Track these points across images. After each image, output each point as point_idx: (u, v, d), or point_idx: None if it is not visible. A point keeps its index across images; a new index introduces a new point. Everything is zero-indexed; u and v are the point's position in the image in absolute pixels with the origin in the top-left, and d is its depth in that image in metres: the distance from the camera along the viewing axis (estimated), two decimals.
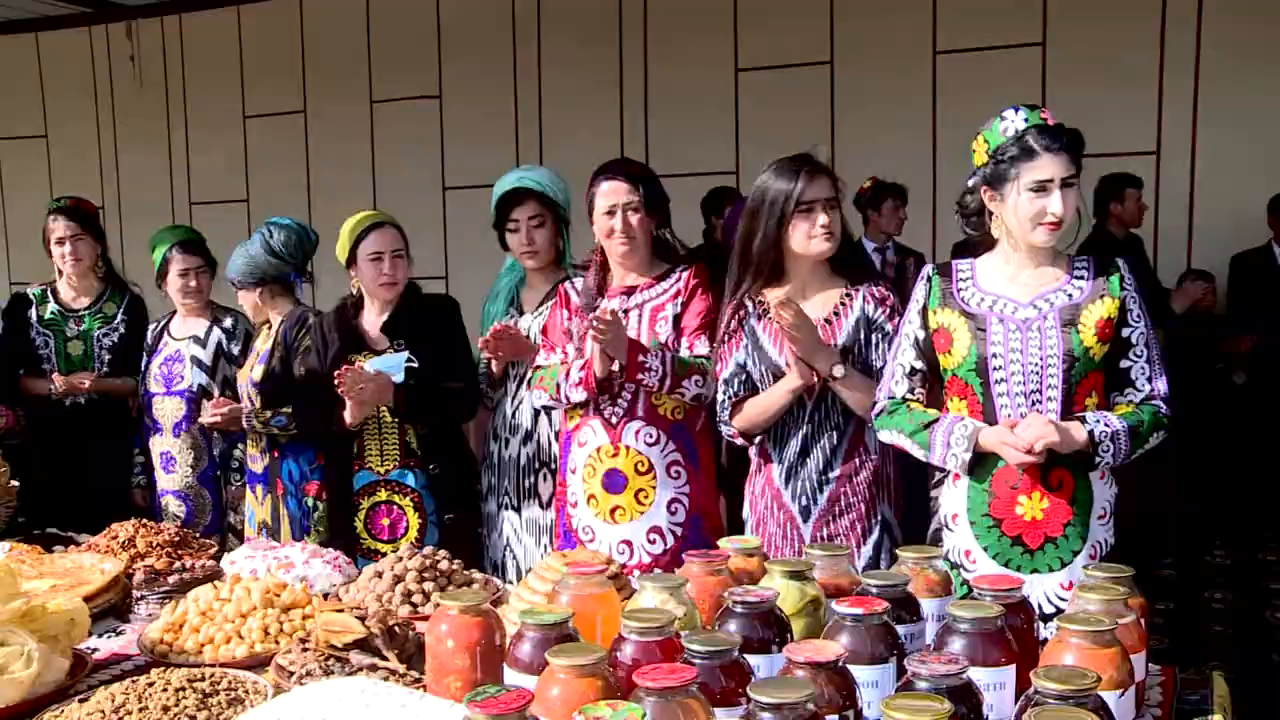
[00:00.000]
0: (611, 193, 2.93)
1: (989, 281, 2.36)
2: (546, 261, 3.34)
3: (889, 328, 2.61)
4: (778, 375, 2.65)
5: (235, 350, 3.82)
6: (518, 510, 3.30)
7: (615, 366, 2.82)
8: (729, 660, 1.43)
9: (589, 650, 1.43)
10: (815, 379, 2.59)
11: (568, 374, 2.93)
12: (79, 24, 7.33)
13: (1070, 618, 1.52)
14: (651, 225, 2.98)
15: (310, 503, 3.48)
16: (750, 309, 2.70)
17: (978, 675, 1.43)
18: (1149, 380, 2.27)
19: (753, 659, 1.51)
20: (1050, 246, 2.31)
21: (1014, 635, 1.53)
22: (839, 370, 2.54)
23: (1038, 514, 2.26)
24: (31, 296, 4.13)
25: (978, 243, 2.42)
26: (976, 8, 5.69)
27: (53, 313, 4.08)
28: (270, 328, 3.66)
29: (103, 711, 1.71)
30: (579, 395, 2.90)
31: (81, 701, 1.78)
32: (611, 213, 2.92)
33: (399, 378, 3.14)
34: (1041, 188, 2.24)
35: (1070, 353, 2.24)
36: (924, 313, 2.41)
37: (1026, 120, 2.26)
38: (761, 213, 2.63)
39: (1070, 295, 2.29)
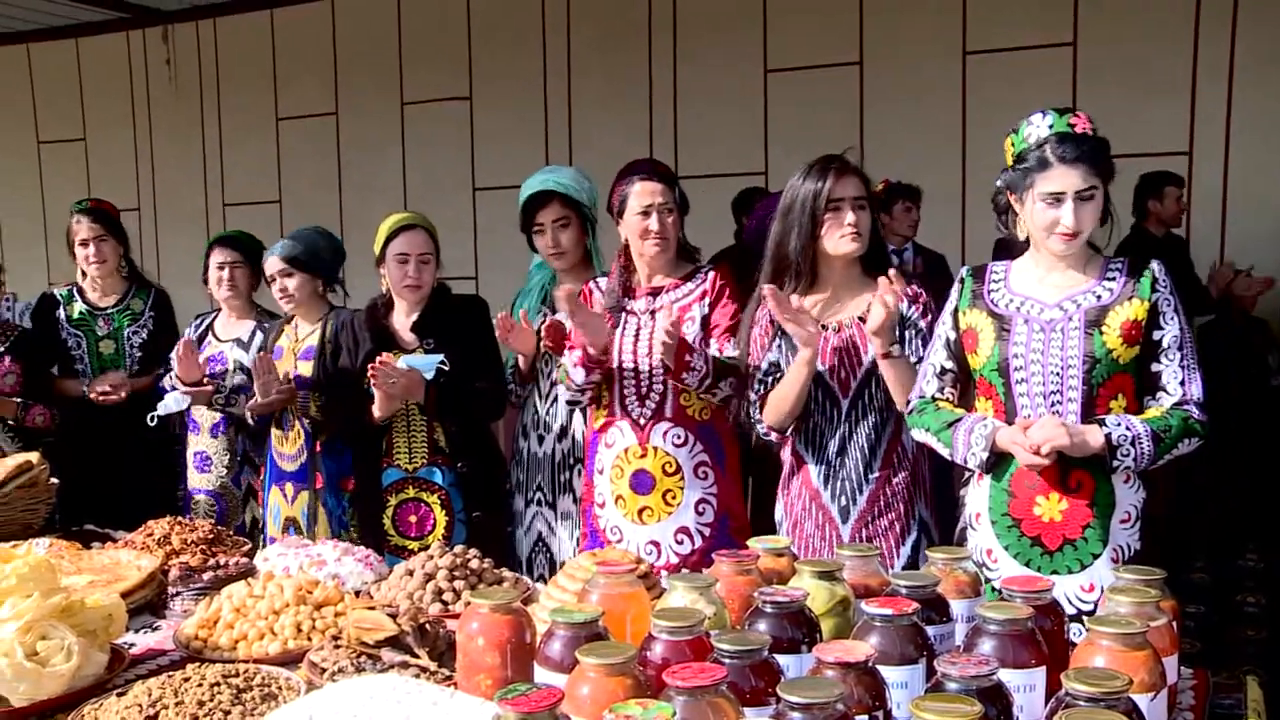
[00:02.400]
0: (646, 193, 2.95)
1: (1019, 283, 2.36)
2: (573, 262, 3.35)
3: (922, 325, 2.62)
4: (818, 379, 2.66)
5: None
6: (552, 506, 3.32)
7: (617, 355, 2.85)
8: (759, 660, 1.43)
9: (619, 649, 1.44)
10: (847, 375, 2.60)
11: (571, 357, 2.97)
12: (117, 29, 7.43)
13: (1101, 620, 1.51)
14: (679, 227, 3.00)
15: (349, 499, 3.51)
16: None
17: (1008, 677, 1.43)
18: (1181, 384, 2.23)
19: (782, 659, 1.51)
20: (1080, 248, 2.29)
21: (1044, 637, 1.53)
22: (897, 349, 2.55)
23: (1056, 515, 2.26)
24: (59, 296, 4.19)
25: (1015, 241, 2.42)
26: (1006, 8, 5.66)
27: (81, 313, 4.13)
28: (293, 324, 3.70)
29: (140, 705, 1.73)
30: (580, 374, 2.94)
31: (119, 695, 1.80)
32: (646, 213, 2.94)
33: (430, 375, 3.17)
34: (1055, 199, 2.23)
35: (1091, 354, 2.23)
36: (955, 314, 2.42)
37: (1052, 126, 2.25)
38: (793, 213, 2.65)
39: (1099, 297, 2.28)
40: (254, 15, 7.13)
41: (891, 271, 2.52)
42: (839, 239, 2.62)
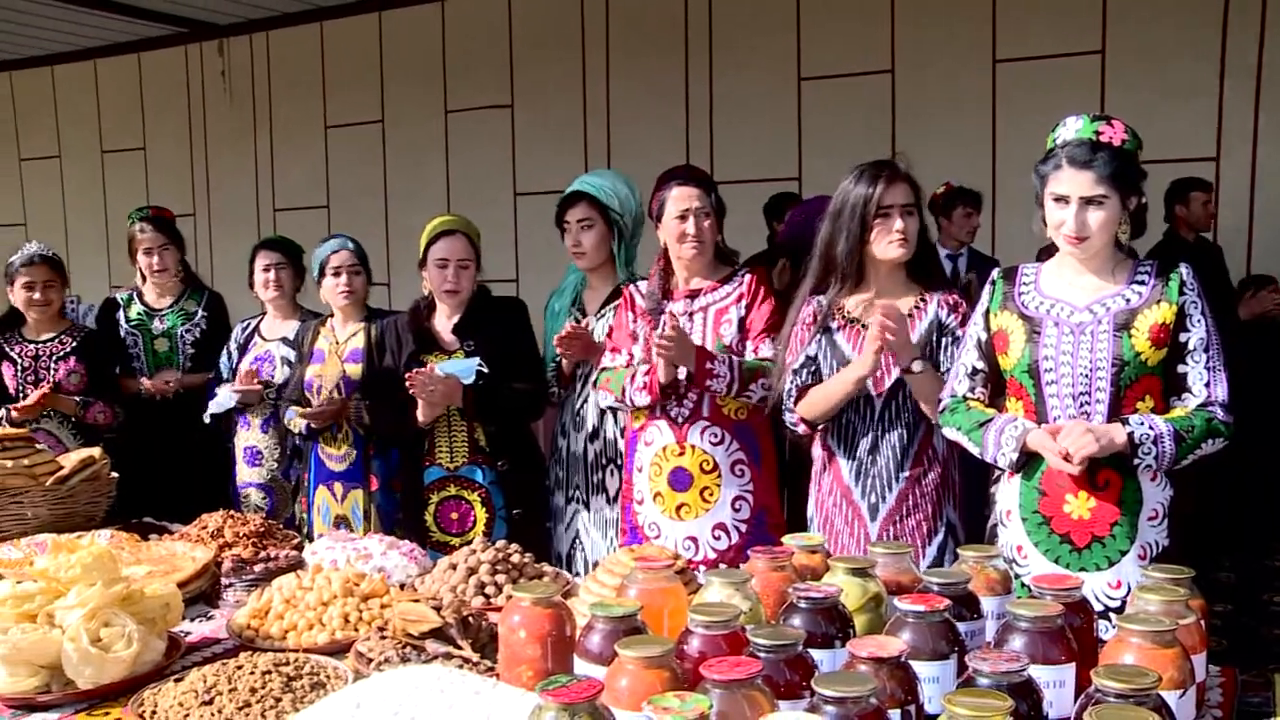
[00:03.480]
0: (684, 198, 2.99)
1: (1050, 286, 2.38)
2: (595, 263, 3.40)
3: (960, 333, 2.63)
4: None
5: None
6: (586, 505, 3.37)
7: (681, 374, 2.88)
8: (793, 654, 1.46)
9: (657, 642, 1.46)
10: (881, 374, 2.62)
11: (633, 378, 2.99)
12: (176, 44, 7.61)
13: (1130, 617, 1.52)
14: (716, 231, 3.04)
15: (399, 497, 3.57)
16: (832, 316, 2.73)
17: (1038, 673, 1.45)
18: (1206, 386, 2.24)
19: (816, 653, 1.54)
20: (1103, 253, 2.31)
21: (1073, 634, 1.55)
22: (918, 365, 2.56)
23: (1084, 513, 2.27)
24: (119, 300, 4.35)
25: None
26: (1036, 17, 5.64)
27: (138, 314, 4.27)
28: (330, 326, 3.76)
29: (196, 691, 1.79)
30: (643, 399, 2.96)
31: (177, 681, 1.86)
32: (684, 217, 2.98)
33: (469, 380, 3.22)
34: (1061, 201, 2.26)
35: (1119, 357, 2.24)
36: (986, 315, 2.44)
37: (1079, 131, 2.27)
38: (843, 216, 2.68)
39: (1128, 300, 2.29)
40: (305, 28, 7.25)
41: (884, 308, 2.52)
42: (887, 244, 2.64)
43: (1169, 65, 5.46)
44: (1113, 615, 2.20)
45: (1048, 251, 2.49)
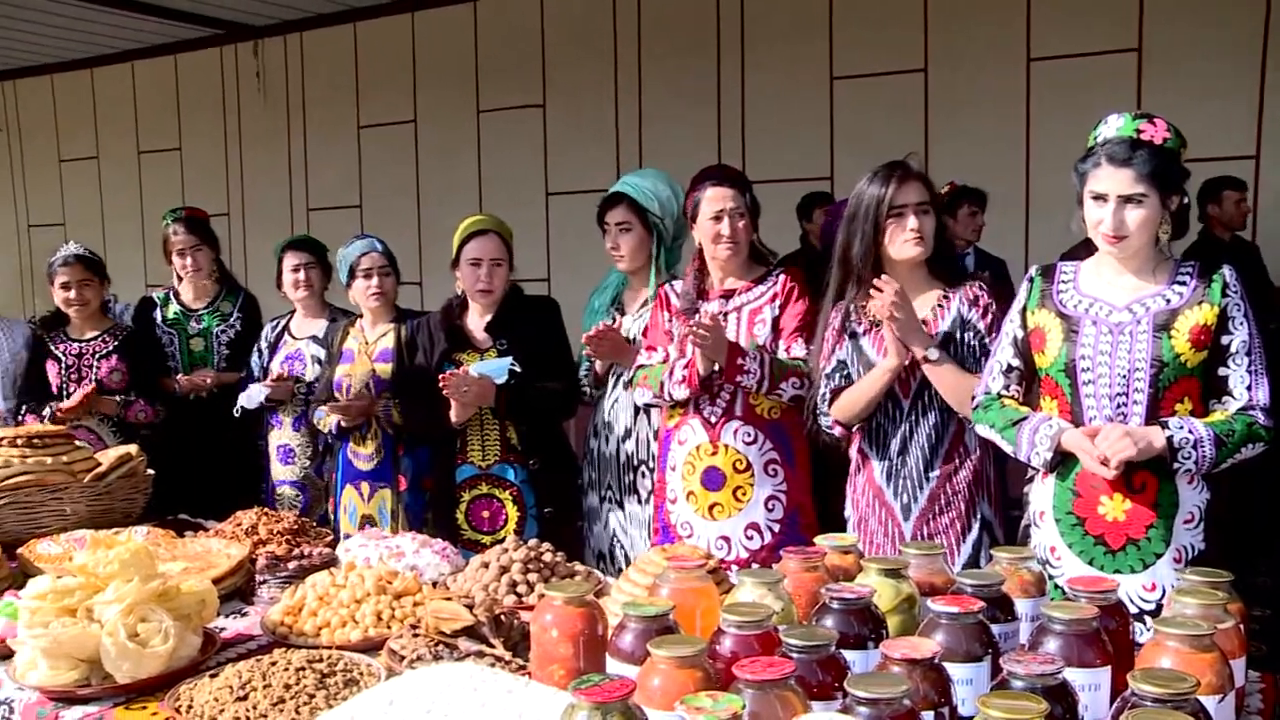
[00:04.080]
0: (718, 198, 2.99)
1: (1089, 284, 2.36)
2: (634, 266, 3.40)
3: (982, 327, 2.63)
4: None
5: None
6: (620, 505, 3.37)
7: (716, 366, 2.88)
8: (826, 655, 1.46)
9: (690, 642, 1.46)
10: (908, 360, 2.62)
11: (671, 372, 2.99)
12: (211, 45, 7.70)
13: (1167, 621, 1.51)
14: (751, 231, 3.03)
15: (428, 497, 3.59)
16: (854, 319, 2.73)
17: (1073, 676, 1.44)
18: (1248, 389, 2.21)
19: (849, 654, 1.53)
20: (1143, 252, 2.28)
21: (1109, 637, 1.53)
22: (933, 353, 2.56)
23: (1119, 515, 2.25)
24: (156, 299, 4.39)
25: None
26: (1071, 13, 5.58)
27: (175, 313, 4.32)
28: (359, 326, 3.78)
29: (231, 687, 1.81)
30: (682, 393, 2.97)
31: (212, 676, 1.88)
32: (718, 218, 2.98)
33: (501, 379, 3.23)
34: (1100, 198, 2.24)
35: (1159, 358, 2.21)
36: (1023, 313, 2.42)
37: (1120, 129, 2.25)
38: (858, 219, 2.68)
39: (1168, 300, 2.26)
40: (338, 29, 7.30)
41: (883, 279, 2.53)
42: (901, 244, 2.64)
43: (1207, 62, 5.39)
44: (1147, 618, 2.18)
45: (1085, 245, 2.46)
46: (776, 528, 2.95)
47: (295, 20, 7.33)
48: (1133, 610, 2.19)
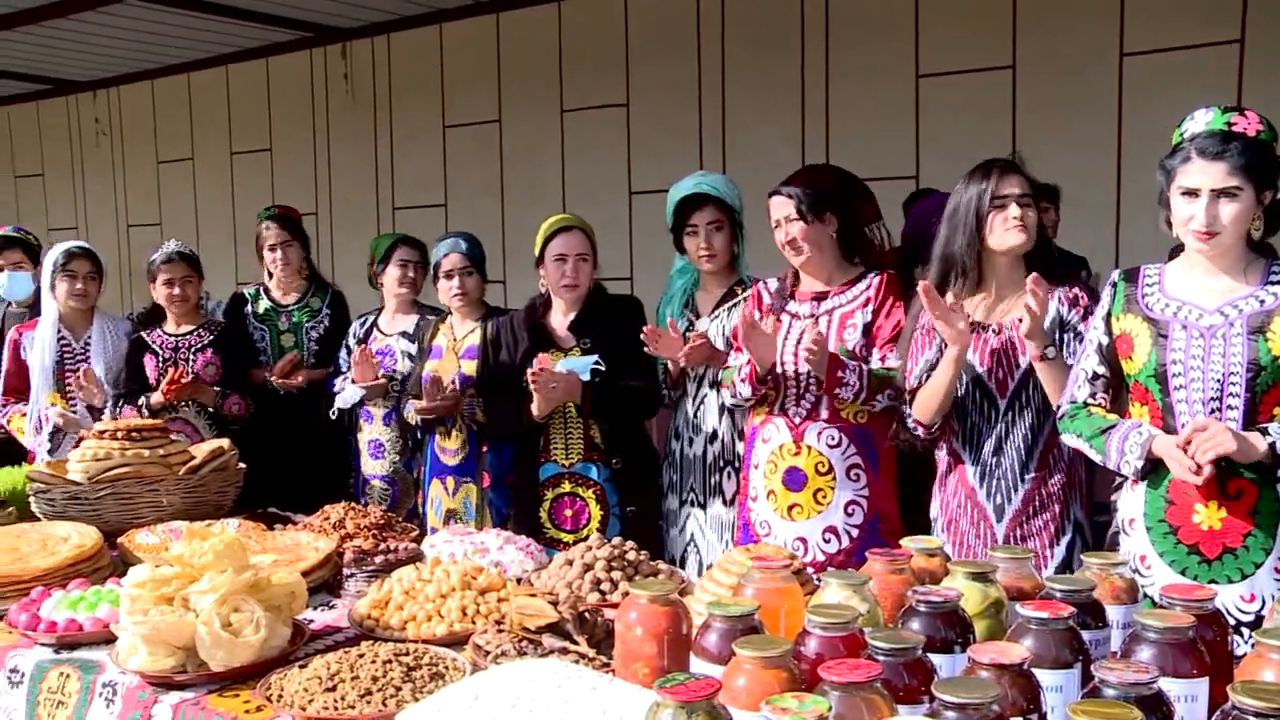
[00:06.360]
0: (775, 207, 3.02)
1: (1175, 287, 2.29)
2: (722, 265, 3.39)
3: (1081, 328, 2.57)
4: (971, 376, 2.65)
5: None
6: (703, 507, 3.36)
7: (792, 368, 2.86)
8: (913, 658, 1.44)
9: (775, 643, 1.46)
10: (1004, 376, 2.59)
11: (739, 370, 3.00)
12: (301, 48, 7.85)
13: (1270, 632, 1.46)
14: (826, 230, 2.99)
15: (511, 493, 3.62)
16: None
17: (1168, 686, 1.40)
18: None
19: (935, 658, 1.51)
20: (1234, 250, 2.21)
21: (1206, 647, 1.49)
22: (1051, 351, 2.52)
23: (1215, 523, 2.18)
24: (247, 295, 4.50)
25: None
26: (1168, 5, 5.41)
27: (266, 310, 4.42)
28: (449, 323, 3.83)
29: (320, 677, 1.85)
30: (745, 390, 2.98)
31: (301, 667, 1.93)
32: (778, 225, 2.99)
33: (586, 377, 3.24)
34: (1191, 194, 2.17)
35: (1255, 361, 2.14)
36: (1107, 319, 2.36)
37: (1210, 123, 2.18)
38: (959, 213, 2.65)
39: (1261, 301, 2.19)
40: (424, 30, 7.40)
41: (1034, 275, 2.48)
42: (1004, 232, 2.61)
43: None
44: (1245, 630, 2.12)
45: (1180, 249, 2.40)
46: (855, 533, 2.92)
47: (382, 22, 7.44)
48: (1230, 621, 2.13)
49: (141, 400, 4.03)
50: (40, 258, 4.86)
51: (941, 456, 2.78)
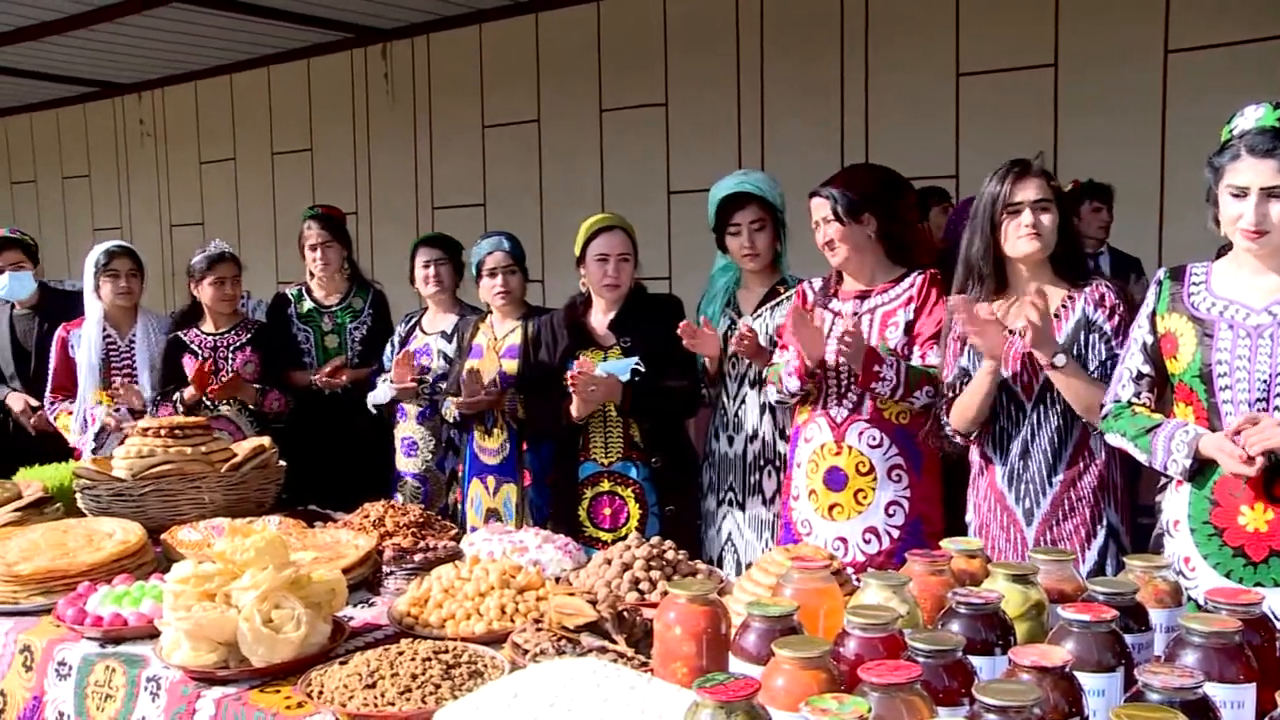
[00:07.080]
0: (814, 209, 3.01)
1: (1222, 286, 2.25)
2: (765, 264, 3.38)
3: (1108, 329, 2.55)
4: (1002, 383, 2.63)
5: None
6: (741, 506, 3.35)
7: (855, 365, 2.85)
8: (953, 660, 1.43)
9: (815, 643, 1.45)
10: (1029, 378, 2.57)
11: (787, 364, 2.99)
12: (342, 49, 7.94)
13: None
14: (864, 231, 2.97)
15: (551, 492, 3.63)
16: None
17: (1214, 691, 1.38)
18: None
19: (975, 660, 1.50)
20: (1262, 252, 2.17)
21: (1253, 652, 1.46)
22: (1060, 359, 2.48)
23: (1261, 526, 2.14)
24: (289, 295, 4.53)
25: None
26: (1214, 2, 5.32)
27: (309, 310, 4.45)
28: (489, 322, 3.84)
29: (360, 674, 1.86)
30: (793, 384, 2.97)
31: (341, 664, 1.94)
32: (816, 226, 2.98)
33: (625, 378, 3.25)
34: (1240, 193, 2.13)
35: None
36: (1152, 318, 2.33)
37: (1260, 119, 2.14)
38: (977, 217, 2.64)
39: None
40: (464, 30, 7.45)
41: (1036, 287, 2.47)
42: (1016, 240, 2.58)
43: None
44: None
45: (1227, 249, 2.36)
46: (896, 534, 2.90)
47: (422, 23, 7.50)
48: (1277, 626, 2.09)
49: (175, 395, 4.08)
50: (38, 257, 4.94)
51: (974, 459, 2.76)
